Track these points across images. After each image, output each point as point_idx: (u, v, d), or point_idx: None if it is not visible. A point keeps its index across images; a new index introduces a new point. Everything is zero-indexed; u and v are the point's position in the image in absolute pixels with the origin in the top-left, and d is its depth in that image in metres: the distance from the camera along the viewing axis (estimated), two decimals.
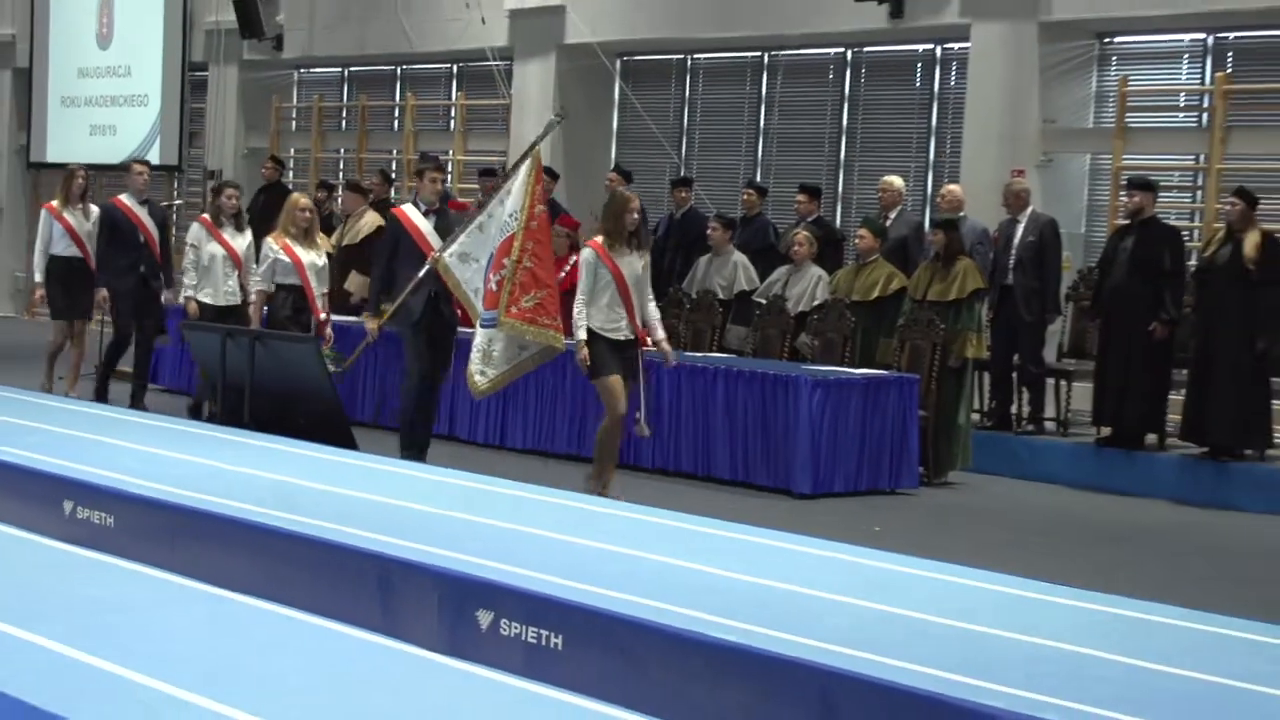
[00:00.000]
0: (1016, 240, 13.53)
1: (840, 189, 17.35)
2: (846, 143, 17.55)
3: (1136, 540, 11.12)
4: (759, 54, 18.18)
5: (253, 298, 12.68)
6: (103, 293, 13.72)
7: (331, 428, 11.18)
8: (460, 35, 19.64)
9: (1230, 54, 14.99)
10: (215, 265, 13.02)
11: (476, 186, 16.38)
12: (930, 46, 16.85)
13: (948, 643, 6.11)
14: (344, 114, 22.66)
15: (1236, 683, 5.74)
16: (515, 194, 10.85)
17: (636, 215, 10.58)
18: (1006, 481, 13.02)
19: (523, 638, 6.30)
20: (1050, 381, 14.06)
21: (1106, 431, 13.31)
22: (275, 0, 22.02)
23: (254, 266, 12.78)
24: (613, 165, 17.48)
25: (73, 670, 5.72)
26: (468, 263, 11.12)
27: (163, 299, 14.22)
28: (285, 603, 7.12)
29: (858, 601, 6.79)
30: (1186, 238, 13.86)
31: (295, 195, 13.36)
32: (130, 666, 5.76)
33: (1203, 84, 14.97)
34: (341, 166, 21.70)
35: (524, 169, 10.95)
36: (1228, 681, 5.77)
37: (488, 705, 5.89)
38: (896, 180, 14.24)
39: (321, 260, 12.58)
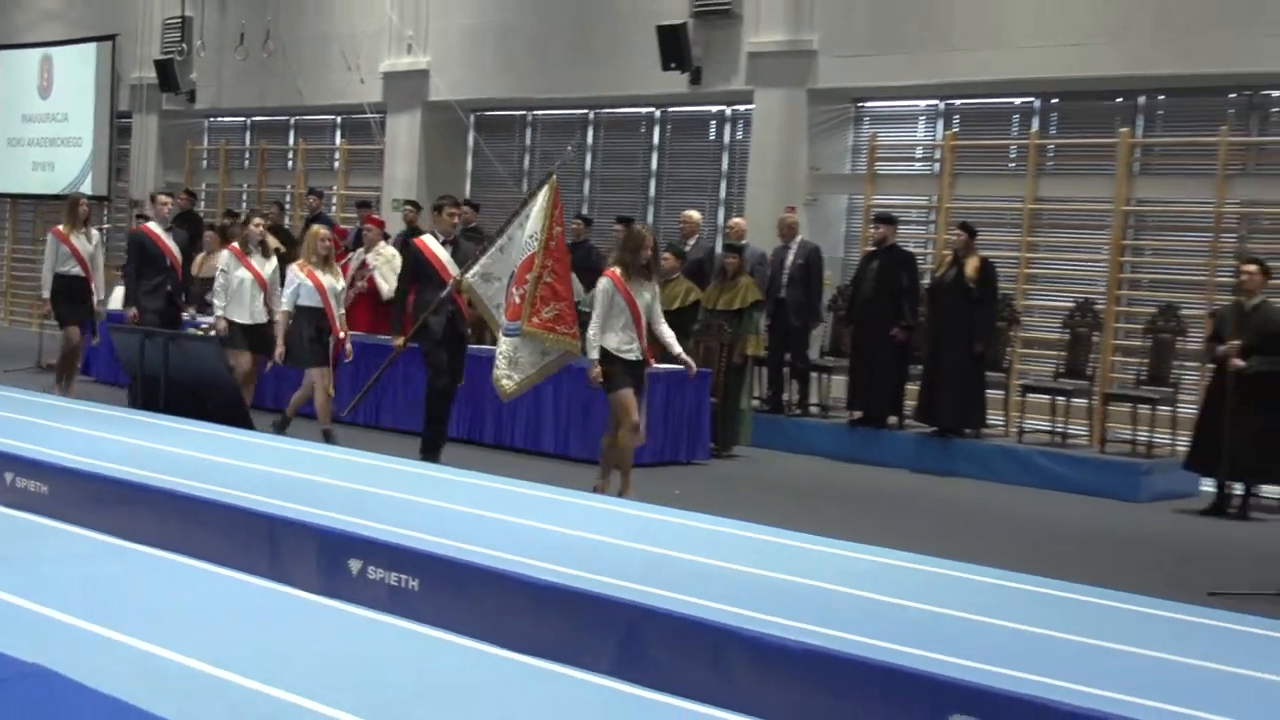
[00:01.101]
0: (788, 262, 13.74)
1: (651, 220, 17.40)
2: (656, 183, 17.64)
3: (881, 500, 11.32)
4: (585, 111, 18.22)
5: (278, 317, 11.68)
6: (132, 311, 12.92)
7: (232, 412, 11.07)
8: (343, 92, 19.53)
9: (957, 116, 15.28)
10: (244, 288, 12.00)
11: (355, 215, 16.19)
12: (722, 107, 16.97)
13: (726, 581, 6.21)
14: (246, 155, 22.35)
15: (952, 611, 5.89)
16: (534, 218, 10.13)
17: (649, 251, 9.99)
18: (780, 454, 13.18)
19: (386, 581, 6.30)
20: (814, 375, 14.32)
21: (858, 414, 13.54)
22: (189, 61, 21.75)
23: (278, 289, 11.93)
24: (466, 199, 17.42)
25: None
26: (490, 281, 10.46)
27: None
28: (191, 555, 7.06)
29: (655, 549, 6.87)
30: (921, 261, 14.09)
31: (316, 227, 12.40)
32: (66, 610, 5.70)
33: (935, 140, 15.21)
34: (244, 198, 21.33)
35: (541, 196, 10.21)
36: (943, 610, 5.92)
37: (357, 637, 5.88)
38: (695, 214, 14.34)
39: (340, 284, 11.93)
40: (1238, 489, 11.27)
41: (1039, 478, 12.30)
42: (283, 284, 11.85)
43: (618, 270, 9.77)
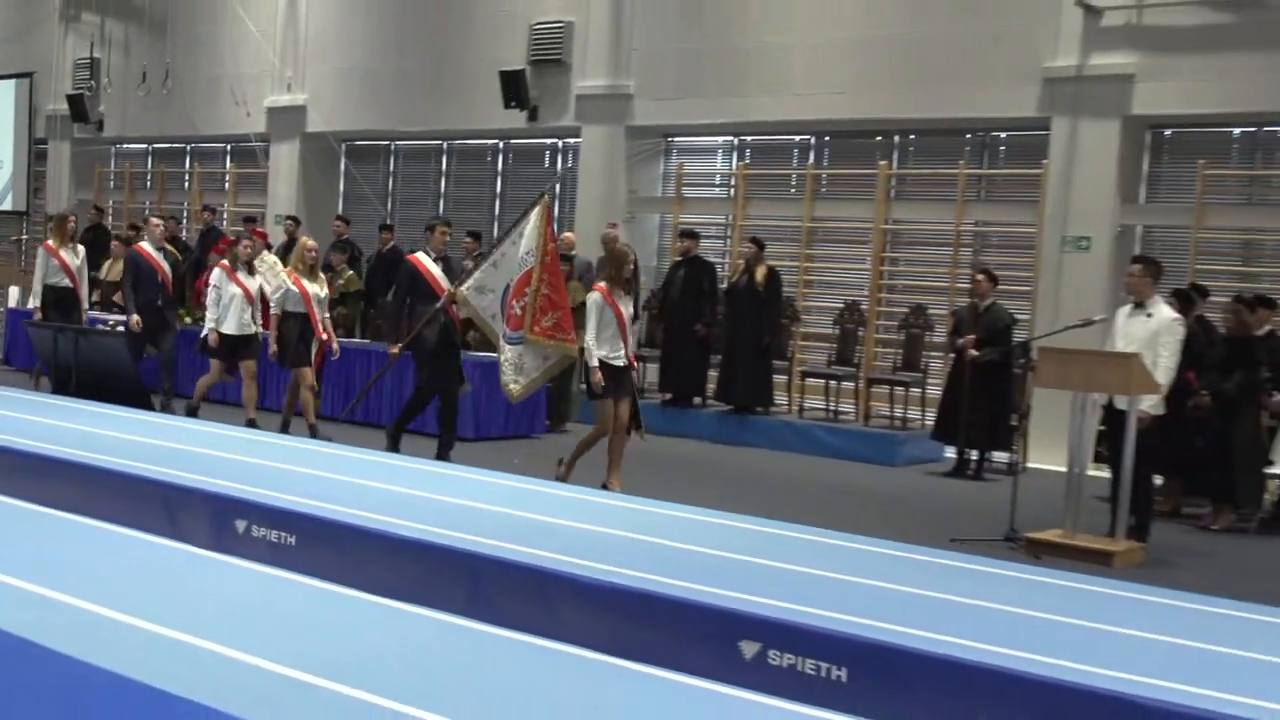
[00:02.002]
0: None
1: (495, 234, 17.28)
2: (500, 204, 17.52)
3: (687, 466, 11.38)
4: (440, 142, 18.01)
5: (274, 310, 11.07)
6: (135, 318, 11.61)
7: (133, 396, 10.75)
8: (232, 124, 18.99)
9: (748, 150, 15.45)
10: (234, 303, 11.17)
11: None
12: (555, 140, 16.90)
13: (555, 534, 6.20)
14: (148, 177, 21.62)
15: (741, 555, 5.96)
16: (529, 236, 9.50)
17: (632, 267, 9.68)
18: None
19: (267, 538, 6.17)
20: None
21: (669, 396, 13.62)
22: (98, 95, 20.99)
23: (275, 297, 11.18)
24: (338, 213, 17.16)
25: None
26: (484, 294, 9.80)
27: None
28: (96, 517, 6.82)
29: (496, 508, 6.83)
30: (720, 270, 14.24)
31: (304, 239, 11.62)
32: None
33: (731, 169, 15.37)
34: (146, 214, 20.61)
35: (534, 216, 9.56)
36: (734, 555, 5.99)
37: (241, 586, 5.73)
38: None
39: (324, 291, 11.18)
40: (973, 455, 11.59)
41: (816, 447, 12.50)
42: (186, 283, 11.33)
43: (604, 284, 9.23)
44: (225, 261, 11.45)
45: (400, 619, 4.54)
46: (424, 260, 10.25)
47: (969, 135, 13.86)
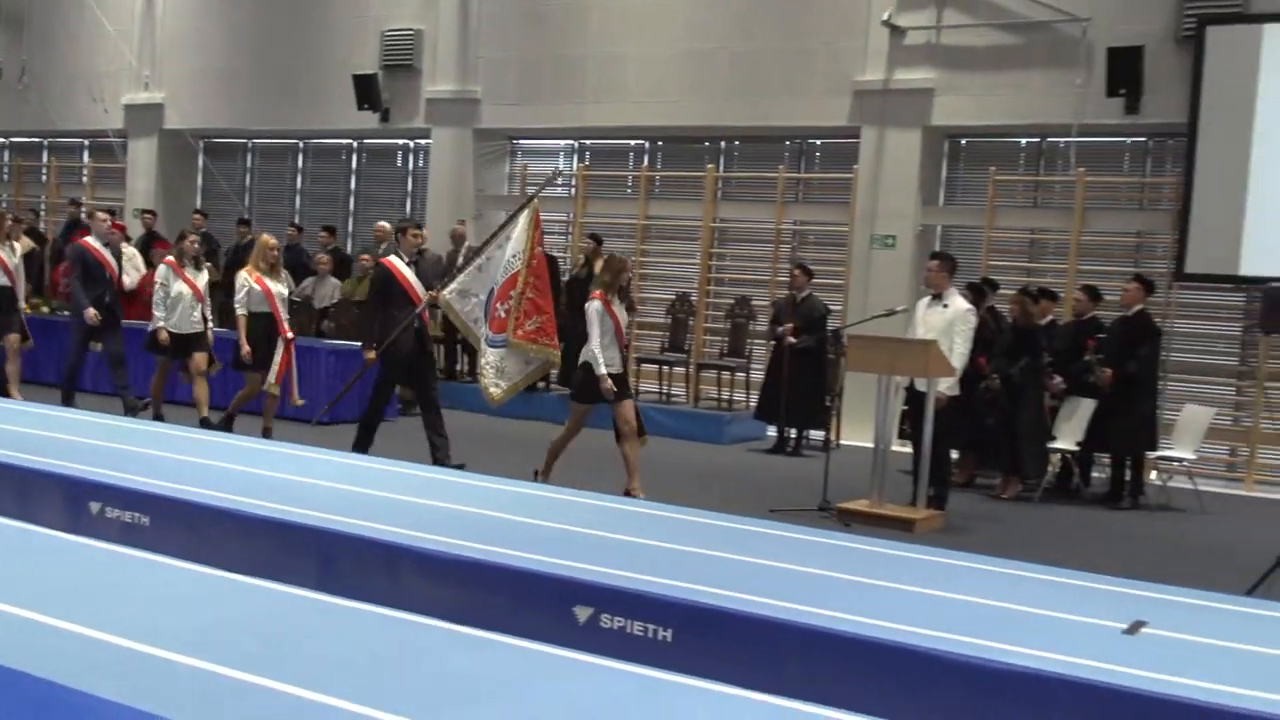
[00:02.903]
0: (459, 264, 13.52)
1: (350, 229, 16.99)
2: (354, 200, 17.17)
3: (526, 445, 11.27)
4: (296, 141, 17.56)
5: (238, 314, 9.91)
6: (91, 311, 10.59)
7: None
8: (90, 120, 18.12)
9: (588, 153, 15.45)
10: (182, 300, 10.27)
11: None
12: (407, 141, 16.62)
13: (401, 510, 6.10)
14: (4, 171, 20.62)
15: (574, 527, 5.94)
16: (516, 239, 8.88)
17: (629, 275, 9.08)
18: (455, 413, 12.91)
19: (121, 519, 5.92)
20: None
21: None
22: None
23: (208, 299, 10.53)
24: (197, 207, 16.61)
25: None
26: (467, 298, 9.10)
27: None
28: None
29: (344, 487, 6.69)
30: (562, 264, 14.19)
31: (265, 236, 10.40)
32: None
33: (572, 170, 15.34)
34: (4, 206, 19.65)
35: (523, 219, 8.95)
36: (568, 527, 5.97)
37: (94, 566, 5.49)
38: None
39: (286, 290, 10.22)
40: (792, 433, 11.79)
41: (651, 427, 12.18)
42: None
43: (602, 292, 8.65)
44: (172, 258, 10.54)
45: (247, 592, 4.40)
46: (398, 264, 9.33)
47: (788, 142, 14.08)
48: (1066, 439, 10.05)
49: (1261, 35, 10.98)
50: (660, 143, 14.96)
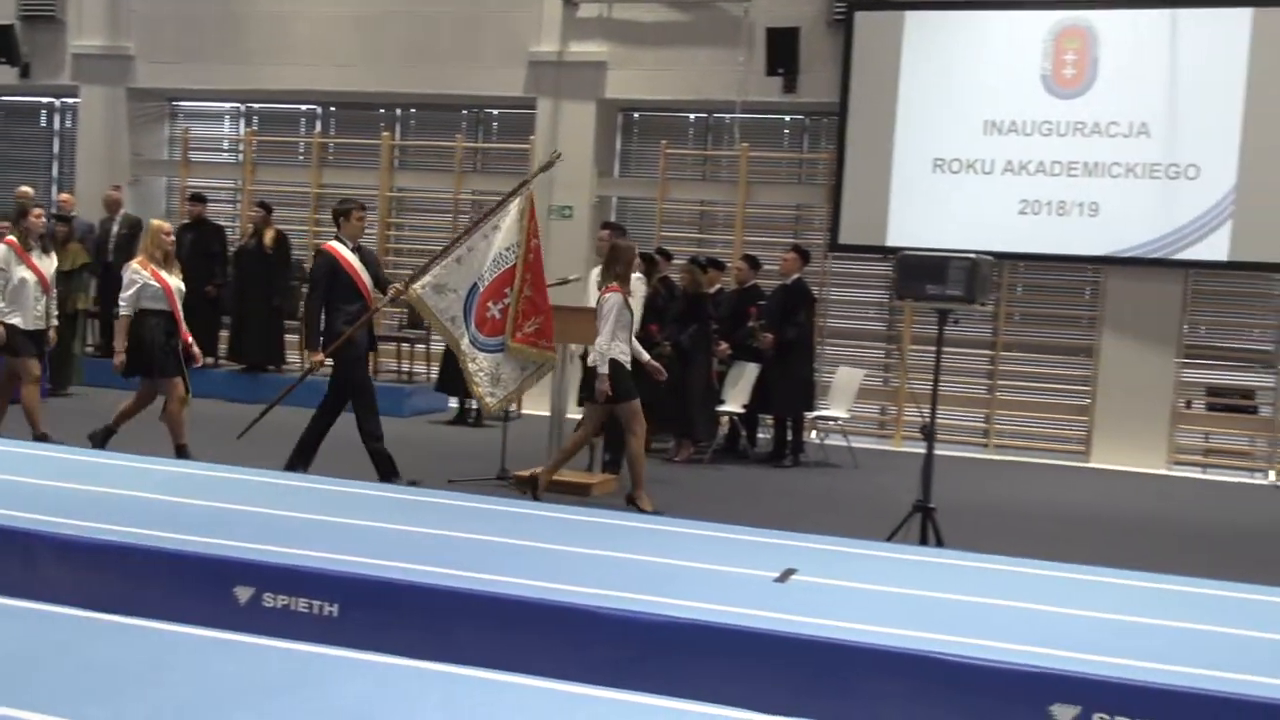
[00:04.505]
0: (114, 232, 12.63)
1: None
2: None
3: (197, 423, 10.83)
4: None
5: (121, 314, 8.27)
6: None
7: None
8: None
9: (256, 117, 14.86)
10: (25, 289, 8.59)
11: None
12: (51, 100, 15.42)
13: (47, 497, 5.71)
14: None
15: (243, 507, 5.74)
16: (508, 229, 8.00)
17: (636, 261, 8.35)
18: (110, 391, 12.00)
19: None
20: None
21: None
22: None
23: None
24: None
25: None
26: (443, 293, 7.99)
27: None
28: None
29: None
30: (230, 233, 13.59)
31: (158, 221, 8.81)
32: None
33: (239, 135, 14.71)
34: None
35: (515, 207, 8.04)
36: (236, 506, 5.76)
37: None
38: (28, 189, 12.86)
39: (182, 284, 8.54)
40: (473, 404, 11.77)
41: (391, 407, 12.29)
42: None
43: (618, 284, 7.96)
44: (13, 237, 8.76)
45: None
46: (342, 251, 8.12)
47: (465, 111, 14.02)
48: (733, 402, 10.54)
49: (904, 21, 11.83)
50: (333, 108, 14.56)
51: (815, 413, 10.85)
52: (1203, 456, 11.77)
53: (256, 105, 14.75)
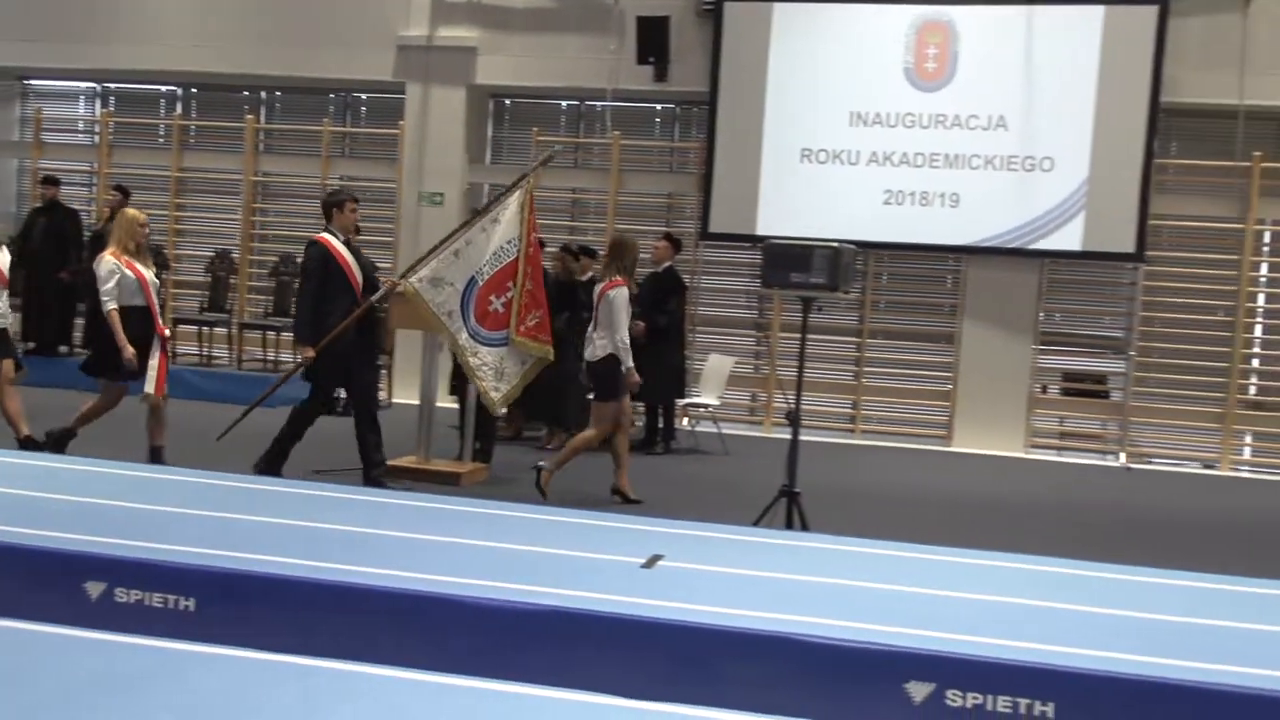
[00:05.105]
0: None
1: None
2: None
3: (58, 415, 10.48)
4: None
5: (108, 309, 7.75)
6: None
7: None
8: None
9: (113, 98, 14.38)
10: None
11: None
12: None
13: None
14: None
15: (99, 500, 5.57)
16: (509, 223, 7.98)
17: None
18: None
19: None
20: None
21: (34, 344, 12.32)
22: None
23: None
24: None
25: None
26: (440, 287, 7.97)
27: None
28: None
29: None
30: (85, 217, 13.14)
31: (133, 211, 8.19)
32: None
33: (95, 116, 14.22)
34: None
35: (515, 200, 8.00)
36: (93, 500, 5.59)
37: None
38: None
39: (155, 278, 8.09)
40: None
41: (191, 391, 11.90)
42: None
43: (623, 279, 7.92)
44: None
45: None
46: (335, 243, 7.89)
47: (333, 95, 13.77)
48: None
49: (772, 13, 11.97)
50: (195, 90, 14.17)
51: (686, 400, 10.94)
52: (1058, 440, 12.19)
53: (114, 85, 14.28)
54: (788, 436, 6.95)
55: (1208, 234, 11.64)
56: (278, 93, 13.95)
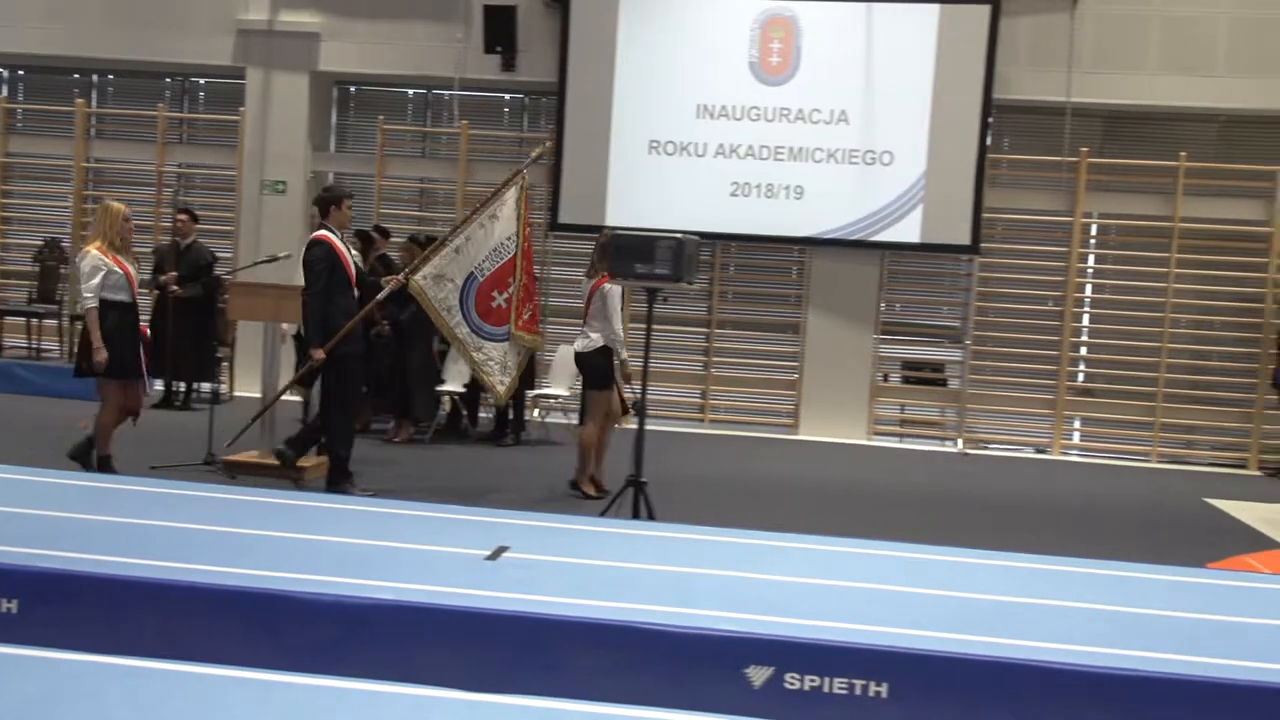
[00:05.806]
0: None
1: None
2: None
3: None
4: None
5: (88, 307, 7.41)
6: None
7: None
8: None
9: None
10: None
11: None
12: None
13: None
14: None
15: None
16: (506, 219, 7.88)
17: None
18: None
19: None
20: None
21: None
22: None
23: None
24: None
25: None
26: (441, 284, 7.80)
27: None
28: None
29: None
30: None
31: (117, 205, 7.74)
32: None
33: None
34: None
35: (511, 196, 7.87)
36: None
37: None
38: None
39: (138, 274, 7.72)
40: (181, 386, 11.27)
41: (19, 385, 11.56)
42: None
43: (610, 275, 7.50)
44: None
45: None
46: (337, 241, 7.64)
47: (169, 79, 13.32)
48: (454, 381, 10.47)
49: (619, 4, 12.01)
50: (21, 72, 13.53)
51: (536, 391, 10.92)
52: (899, 427, 12.54)
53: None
54: (633, 427, 6.99)
55: (1038, 227, 12.10)
56: (110, 76, 13.42)
